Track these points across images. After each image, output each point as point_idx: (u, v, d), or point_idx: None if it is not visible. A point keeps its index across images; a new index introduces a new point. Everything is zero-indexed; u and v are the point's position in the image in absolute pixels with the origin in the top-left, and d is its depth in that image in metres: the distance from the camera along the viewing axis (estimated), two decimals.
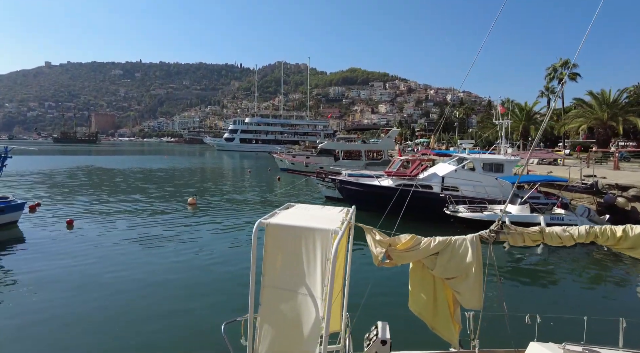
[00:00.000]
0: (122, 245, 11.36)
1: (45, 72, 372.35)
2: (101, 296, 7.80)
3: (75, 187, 23.23)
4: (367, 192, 16.25)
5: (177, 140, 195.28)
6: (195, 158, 65.57)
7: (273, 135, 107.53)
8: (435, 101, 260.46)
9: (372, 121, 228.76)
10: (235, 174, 37.48)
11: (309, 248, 2.71)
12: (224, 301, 7.67)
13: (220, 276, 9.11)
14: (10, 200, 12.73)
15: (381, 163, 36.95)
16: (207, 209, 17.44)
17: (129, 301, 7.63)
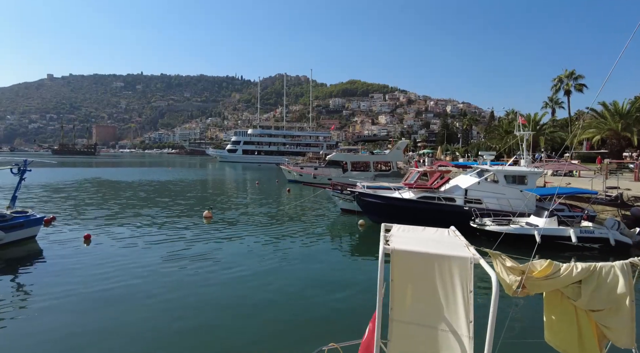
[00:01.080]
0: (144, 261, 11.00)
1: (48, 85, 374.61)
2: (127, 312, 7.53)
3: (86, 200, 22.90)
4: (388, 205, 15.96)
5: (178, 151, 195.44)
6: (199, 170, 65.28)
7: (275, 146, 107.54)
8: (435, 112, 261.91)
9: (373, 132, 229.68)
10: (243, 186, 37.17)
11: (445, 278, 2.43)
12: (271, 324, 7.32)
13: (260, 296, 8.73)
14: (29, 214, 12.41)
15: (390, 175, 36.73)
16: (224, 223, 17.10)
17: (157, 319, 7.29)
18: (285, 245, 13.53)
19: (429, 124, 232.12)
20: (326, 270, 10.82)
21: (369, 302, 8.55)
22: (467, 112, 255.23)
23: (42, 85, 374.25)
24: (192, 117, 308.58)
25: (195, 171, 60.75)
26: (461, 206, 15.40)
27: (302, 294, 8.88)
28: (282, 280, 9.73)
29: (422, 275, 2.45)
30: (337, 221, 18.07)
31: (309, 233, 15.46)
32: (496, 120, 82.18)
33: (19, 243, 12.02)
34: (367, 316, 7.73)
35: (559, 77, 43.33)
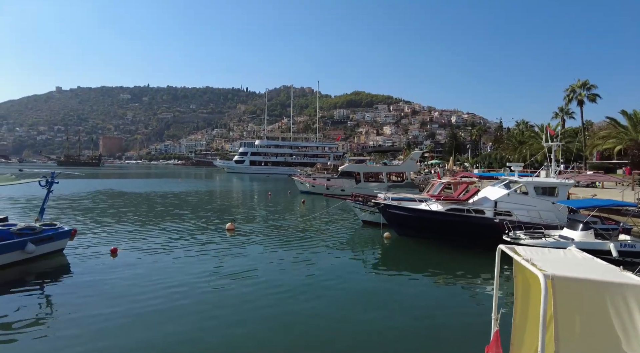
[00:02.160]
0: (173, 275, 10.75)
1: (56, 97, 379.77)
2: (161, 326, 7.30)
3: (105, 212, 22.76)
4: (416, 217, 15.66)
5: (184, 163, 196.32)
6: (210, 181, 65.36)
7: (282, 157, 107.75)
8: (440, 122, 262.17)
9: (378, 142, 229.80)
10: (257, 197, 36.98)
11: (620, 309, 2.18)
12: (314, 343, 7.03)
13: (297, 310, 8.45)
14: (57, 227, 12.26)
15: (404, 185, 36.46)
16: (246, 235, 16.86)
17: (191, 333, 7.03)
18: (311, 257, 13.25)
19: (434, 135, 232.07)
20: (356, 286, 10.50)
21: (412, 321, 8.25)
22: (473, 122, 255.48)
23: (51, 97, 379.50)
24: (198, 129, 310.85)
25: (205, 183, 60.76)
26: (491, 218, 15.08)
27: (338, 312, 8.57)
28: (317, 297, 9.46)
29: (593, 306, 2.21)
30: (360, 234, 17.78)
31: (333, 246, 15.18)
32: (504, 131, 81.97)
33: (47, 256, 11.84)
34: (414, 338, 7.50)
35: (572, 87, 43.11)
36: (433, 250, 14.83)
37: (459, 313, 8.84)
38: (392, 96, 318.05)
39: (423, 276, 11.79)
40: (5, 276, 10.31)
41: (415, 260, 13.80)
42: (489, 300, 9.67)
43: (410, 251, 14.99)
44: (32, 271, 10.93)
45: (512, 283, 11.31)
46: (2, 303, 8.72)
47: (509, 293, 10.47)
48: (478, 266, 12.86)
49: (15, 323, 7.66)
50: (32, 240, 11.11)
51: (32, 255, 11.13)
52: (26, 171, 15.34)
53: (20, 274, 10.64)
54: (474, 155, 76.24)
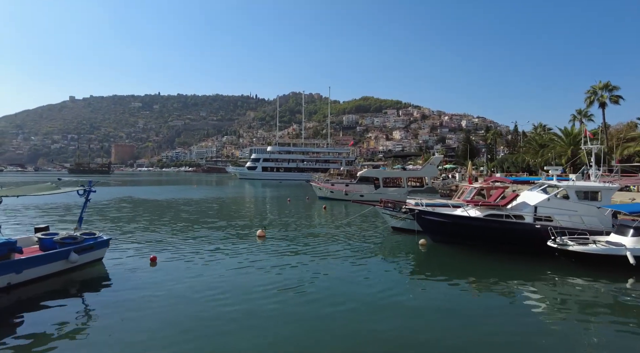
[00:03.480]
0: (215, 284, 10.58)
1: (69, 106, 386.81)
2: (213, 337, 7.16)
3: (133, 220, 22.73)
4: (453, 223, 15.29)
5: (195, 170, 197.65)
6: (224, 188, 65.52)
7: (294, 163, 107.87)
8: (450, 127, 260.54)
9: (387, 147, 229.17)
10: (277, 203, 36.77)
11: None
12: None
13: (345, 321, 8.16)
14: (97, 236, 12.18)
15: (425, 191, 35.98)
16: (277, 241, 16.64)
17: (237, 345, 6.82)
18: (346, 264, 12.99)
19: (445, 139, 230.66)
20: (398, 294, 10.19)
21: (460, 331, 7.90)
22: (483, 126, 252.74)
23: (65, 107, 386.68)
24: (208, 136, 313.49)
25: (220, 189, 60.94)
26: (532, 223, 14.65)
27: (388, 322, 8.30)
28: (361, 306, 9.20)
29: None
30: (392, 241, 17.42)
31: (368, 253, 14.88)
32: (520, 134, 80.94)
33: (88, 265, 11.74)
34: (460, 349, 7.17)
35: (593, 89, 42.32)
36: (472, 257, 14.44)
37: (504, 322, 8.50)
38: (401, 101, 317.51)
39: (464, 284, 11.44)
40: (51, 285, 10.22)
41: (455, 267, 13.42)
42: (534, 308, 9.37)
43: (449, 258, 14.61)
44: (75, 280, 10.84)
45: (557, 288, 10.93)
46: (50, 312, 8.65)
47: (558, 300, 10.09)
48: (520, 272, 12.47)
49: (63, 333, 7.58)
50: (75, 249, 11.02)
51: (75, 264, 11.04)
52: (65, 180, 15.36)
53: (64, 283, 10.54)
54: (489, 159, 75.32)
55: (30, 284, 9.95)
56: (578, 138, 40.04)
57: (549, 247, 13.29)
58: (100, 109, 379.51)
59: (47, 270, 10.41)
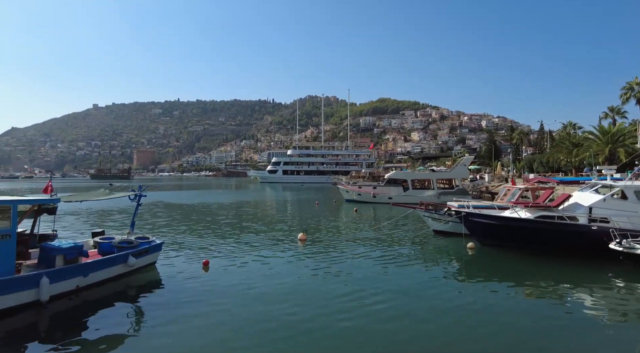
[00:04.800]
0: (272, 289, 10.50)
1: (93, 114, 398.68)
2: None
3: (172, 224, 22.91)
4: (503, 226, 14.83)
5: (215, 174, 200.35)
6: (248, 191, 66.03)
7: (315, 166, 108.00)
8: (470, 127, 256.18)
9: (406, 149, 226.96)
10: (306, 206, 36.66)
11: None
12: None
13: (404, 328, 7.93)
14: (150, 240, 12.32)
15: (456, 192, 35.28)
16: (319, 245, 16.46)
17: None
18: (392, 268, 12.71)
19: (465, 140, 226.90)
20: (453, 299, 9.86)
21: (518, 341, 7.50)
22: (503, 126, 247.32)
23: (89, 114, 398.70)
24: (227, 141, 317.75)
25: (245, 193, 61.42)
26: (587, 225, 14.08)
27: (450, 331, 8.00)
28: (413, 311, 8.93)
29: None
30: (437, 244, 17.02)
31: (412, 257, 14.54)
32: (546, 134, 78.79)
33: (143, 269, 11.86)
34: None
35: (629, 85, 40.80)
36: (525, 260, 13.95)
37: (570, 331, 8.06)
38: (419, 102, 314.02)
39: (521, 290, 10.95)
40: (111, 288, 10.35)
41: (509, 271, 12.95)
42: (600, 318, 8.82)
43: (501, 261, 14.15)
44: (132, 283, 10.94)
45: (623, 296, 10.37)
46: (113, 314, 8.78)
47: (626, 309, 9.55)
48: (579, 277, 11.92)
49: (125, 334, 7.68)
50: (133, 253, 11.16)
51: (132, 268, 11.17)
52: (116, 185, 15.66)
53: (123, 286, 10.66)
54: (514, 160, 73.56)
55: (94, 287, 10.10)
56: (617, 136, 38.59)
57: (608, 250, 12.72)
58: (122, 116, 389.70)
59: (109, 274, 10.56)
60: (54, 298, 8.97)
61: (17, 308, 8.33)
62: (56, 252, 9.22)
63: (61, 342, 7.30)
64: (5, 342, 7.41)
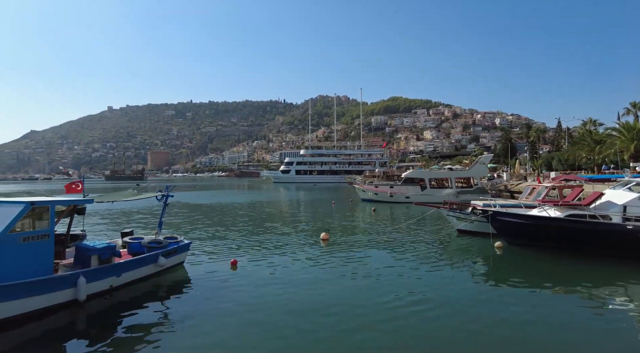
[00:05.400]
0: (302, 288, 10.43)
1: (108, 116, 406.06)
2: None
3: (194, 224, 23.02)
4: (533, 225, 14.49)
5: (228, 174, 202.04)
6: (262, 192, 66.28)
7: (327, 166, 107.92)
8: (484, 125, 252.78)
9: (419, 148, 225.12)
10: (321, 206, 36.58)
11: None
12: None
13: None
14: (179, 240, 12.37)
15: (475, 191, 34.82)
16: (341, 245, 16.35)
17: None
18: (419, 269, 12.48)
19: (479, 138, 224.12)
20: (488, 303, 9.59)
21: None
22: (517, 124, 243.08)
23: (104, 117, 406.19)
24: (239, 141, 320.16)
25: (260, 193, 61.70)
26: (622, 224, 13.64)
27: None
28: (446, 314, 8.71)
29: None
30: (463, 244, 16.74)
31: (438, 257, 14.32)
32: (564, 131, 77.20)
33: (172, 269, 11.91)
34: None
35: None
36: (557, 260, 13.59)
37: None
38: (431, 100, 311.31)
39: (554, 292, 10.62)
40: (142, 288, 10.39)
41: (541, 272, 12.61)
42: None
43: (531, 261, 13.80)
44: (162, 283, 10.97)
45: None
46: (144, 314, 8.82)
47: None
48: (616, 278, 11.52)
49: (157, 334, 7.68)
50: (162, 253, 11.21)
51: (162, 268, 11.22)
52: (143, 186, 15.80)
53: (153, 286, 10.71)
54: (532, 158, 72.28)
55: (126, 287, 10.17)
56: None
57: None
58: (136, 118, 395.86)
59: (140, 274, 10.63)
60: (90, 297, 9.05)
61: (56, 307, 8.42)
62: (91, 252, 9.30)
63: (98, 340, 7.38)
64: (46, 340, 7.51)
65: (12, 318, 7.68)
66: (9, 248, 7.85)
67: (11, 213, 8.10)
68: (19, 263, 7.96)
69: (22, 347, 7.21)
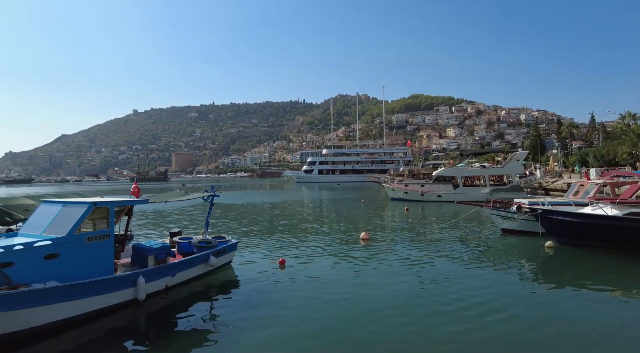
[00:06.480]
0: (350, 289, 10.21)
1: (133, 119, 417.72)
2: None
3: (230, 224, 23.18)
4: (588, 224, 13.79)
5: (250, 175, 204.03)
6: (288, 191, 66.50)
7: (350, 165, 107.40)
8: (508, 122, 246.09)
9: (442, 146, 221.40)
10: (351, 205, 36.23)
11: None
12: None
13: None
14: (227, 240, 12.39)
15: (510, 189, 33.80)
16: (381, 244, 16.02)
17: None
18: (466, 271, 12.04)
19: (503, 135, 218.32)
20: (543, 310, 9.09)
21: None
22: (544, 120, 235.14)
23: (129, 120, 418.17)
24: (260, 142, 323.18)
25: (285, 193, 61.91)
26: None
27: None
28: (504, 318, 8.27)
29: None
30: (509, 243, 16.14)
31: (484, 258, 13.82)
32: (599, 125, 74.14)
33: (220, 268, 11.92)
34: None
35: None
36: (614, 261, 12.87)
37: None
38: (454, 97, 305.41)
39: (619, 291, 10.07)
40: (194, 288, 10.42)
41: (598, 272, 11.96)
42: None
43: (587, 261, 13.14)
44: (212, 283, 10.99)
45: None
46: (197, 313, 8.81)
47: None
48: None
49: (210, 333, 7.65)
50: (213, 252, 11.23)
51: (212, 267, 11.24)
52: (189, 186, 15.98)
53: (204, 286, 10.73)
54: (566, 154, 69.75)
55: (179, 287, 10.22)
56: None
57: None
58: (160, 120, 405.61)
59: (192, 274, 10.66)
60: (147, 297, 9.12)
61: (118, 306, 8.52)
62: (148, 252, 9.38)
63: (158, 340, 7.44)
64: (110, 339, 7.59)
65: (79, 317, 7.79)
66: (76, 248, 7.98)
67: (77, 214, 8.23)
68: (84, 263, 8.08)
69: (87, 346, 7.30)
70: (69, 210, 8.41)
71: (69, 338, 7.42)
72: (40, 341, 7.13)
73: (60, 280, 7.50)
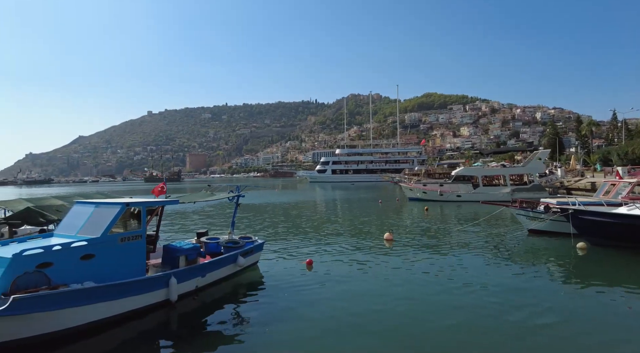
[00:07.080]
0: (379, 290, 10.07)
1: (148, 120, 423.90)
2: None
3: (251, 224, 23.17)
4: (625, 224, 13.28)
5: (263, 175, 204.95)
6: (302, 191, 66.47)
7: (364, 165, 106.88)
8: (524, 120, 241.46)
9: (456, 145, 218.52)
10: (368, 205, 35.95)
11: None
12: None
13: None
14: (253, 240, 12.31)
15: (531, 189, 33.04)
16: (405, 246, 15.73)
17: None
18: (495, 273, 11.71)
19: (519, 134, 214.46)
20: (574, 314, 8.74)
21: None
22: (560, 118, 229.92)
23: (144, 121, 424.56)
24: (273, 142, 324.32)
25: (301, 193, 61.90)
26: None
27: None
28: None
29: None
30: (537, 245, 15.66)
31: (513, 259, 13.44)
32: (621, 123, 72.15)
33: (247, 269, 11.84)
34: None
35: None
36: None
37: None
38: (467, 95, 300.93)
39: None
40: (223, 289, 10.35)
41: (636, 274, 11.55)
42: None
43: (623, 263, 12.67)
44: (240, 283, 10.93)
45: None
46: (227, 313, 8.83)
47: None
48: None
49: (240, 333, 7.66)
50: (241, 252, 11.15)
51: (241, 268, 11.17)
52: (215, 186, 15.99)
53: (233, 286, 10.67)
54: (584, 152, 68.07)
55: (209, 287, 10.17)
56: None
57: None
58: (174, 121, 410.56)
59: (221, 274, 10.60)
60: (179, 297, 9.08)
61: (151, 307, 8.48)
62: (179, 253, 9.34)
63: (191, 341, 7.39)
64: (144, 340, 7.58)
65: (114, 318, 7.78)
66: (110, 248, 7.97)
67: (110, 214, 8.23)
68: (117, 263, 8.07)
69: (121, 347, 7.28)
70: (101, 211, 8.42)
71: (102, 339, 7.40)
72: (75, 342, 7.13)
73: (95, 281, 7.50)
